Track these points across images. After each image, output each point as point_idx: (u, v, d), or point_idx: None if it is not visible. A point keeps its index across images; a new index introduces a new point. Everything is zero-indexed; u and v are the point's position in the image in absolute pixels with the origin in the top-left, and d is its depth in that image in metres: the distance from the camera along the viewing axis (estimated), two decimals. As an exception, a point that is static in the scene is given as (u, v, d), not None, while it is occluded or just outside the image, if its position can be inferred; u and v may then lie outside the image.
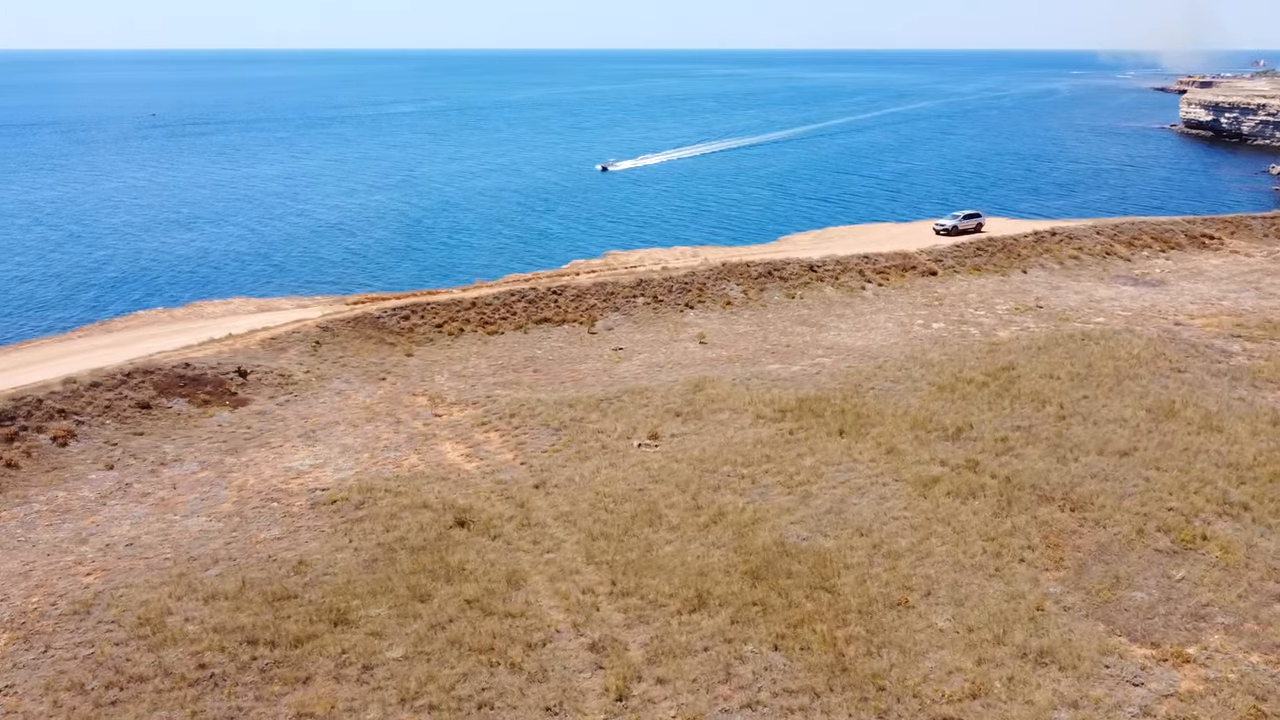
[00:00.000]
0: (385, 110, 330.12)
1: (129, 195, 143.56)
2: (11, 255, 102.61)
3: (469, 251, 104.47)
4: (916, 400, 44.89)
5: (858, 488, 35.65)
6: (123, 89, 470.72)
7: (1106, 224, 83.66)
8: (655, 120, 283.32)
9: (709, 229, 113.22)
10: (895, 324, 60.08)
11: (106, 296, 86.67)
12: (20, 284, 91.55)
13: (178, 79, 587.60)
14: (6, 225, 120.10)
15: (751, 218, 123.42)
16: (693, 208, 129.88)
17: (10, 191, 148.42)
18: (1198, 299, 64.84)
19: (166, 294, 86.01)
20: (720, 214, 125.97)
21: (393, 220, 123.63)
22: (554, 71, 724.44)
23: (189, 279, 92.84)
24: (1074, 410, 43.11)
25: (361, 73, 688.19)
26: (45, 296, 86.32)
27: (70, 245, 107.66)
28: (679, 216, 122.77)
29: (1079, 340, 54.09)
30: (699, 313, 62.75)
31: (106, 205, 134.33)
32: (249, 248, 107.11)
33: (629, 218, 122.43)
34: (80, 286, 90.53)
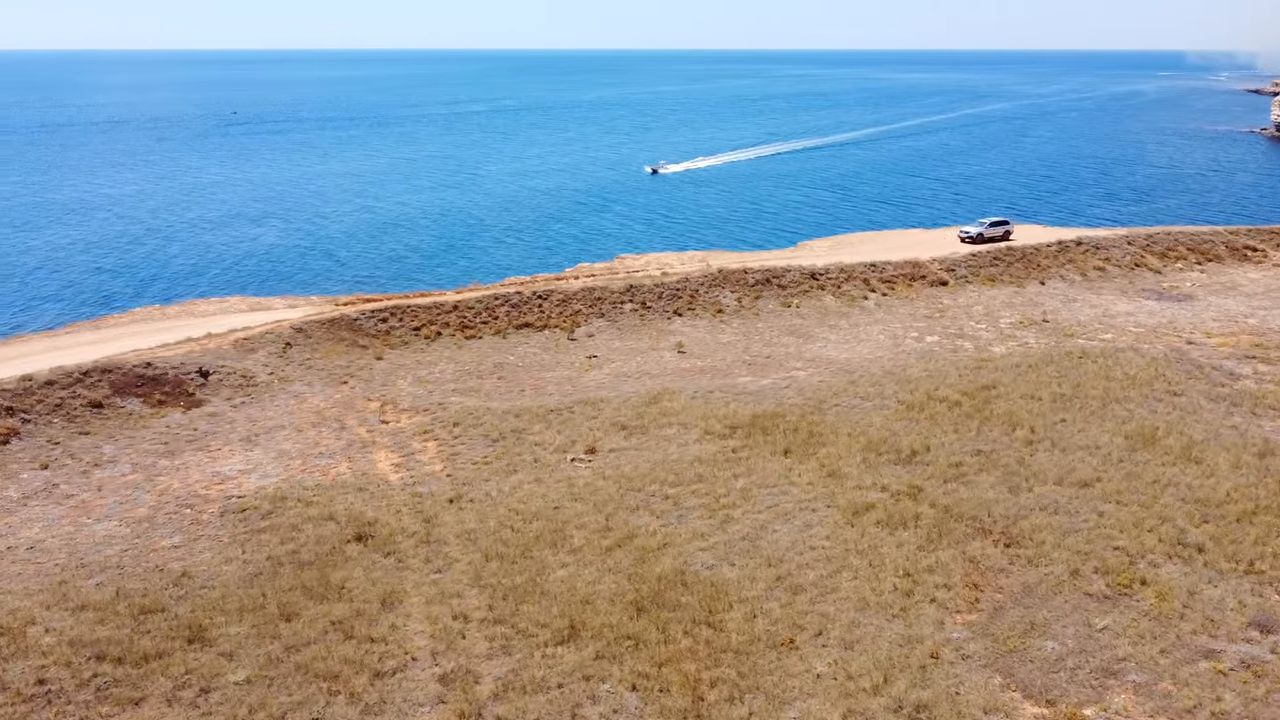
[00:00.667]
0: (457, 109, 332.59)
1: (203, 191, 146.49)
2: (90, 246, 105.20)
3: (519, 250, 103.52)
4: (879, 419, 42.63)
5: (784, 513, 33.71)
6: (205, 88, 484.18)
7: (1140, 234, 79.42)
8: (723, 120, 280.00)
9: (752, 232, 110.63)
10: (888, 336, 57.56)
11: (150, 288, 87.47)
12: (94, 274, 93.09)
13: (257, 78, 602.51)
14: (88, 217, 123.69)
15: (808, 219, 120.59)
16: (746, 210, 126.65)
17: (94, 185, 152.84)
18: (1223, 315, 60.86)
19: (214, 287, 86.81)
20: (775, 216, 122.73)
21: (451, 218, 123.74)
22: (628, 71, 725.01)
23: (237, 274, 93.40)
24: (1046, 435, 40.41)
25: (438, 73, 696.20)
26: (93, 287, 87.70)
27: (148, 238, 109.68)
28: (726, 219, 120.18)
29: (1075, 358, 51.02)
30: (686, 320, 61.03)
31: (180, 200, 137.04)
32: (309, 243, 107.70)
33: (674, 220, 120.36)
34: (142, 279, 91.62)
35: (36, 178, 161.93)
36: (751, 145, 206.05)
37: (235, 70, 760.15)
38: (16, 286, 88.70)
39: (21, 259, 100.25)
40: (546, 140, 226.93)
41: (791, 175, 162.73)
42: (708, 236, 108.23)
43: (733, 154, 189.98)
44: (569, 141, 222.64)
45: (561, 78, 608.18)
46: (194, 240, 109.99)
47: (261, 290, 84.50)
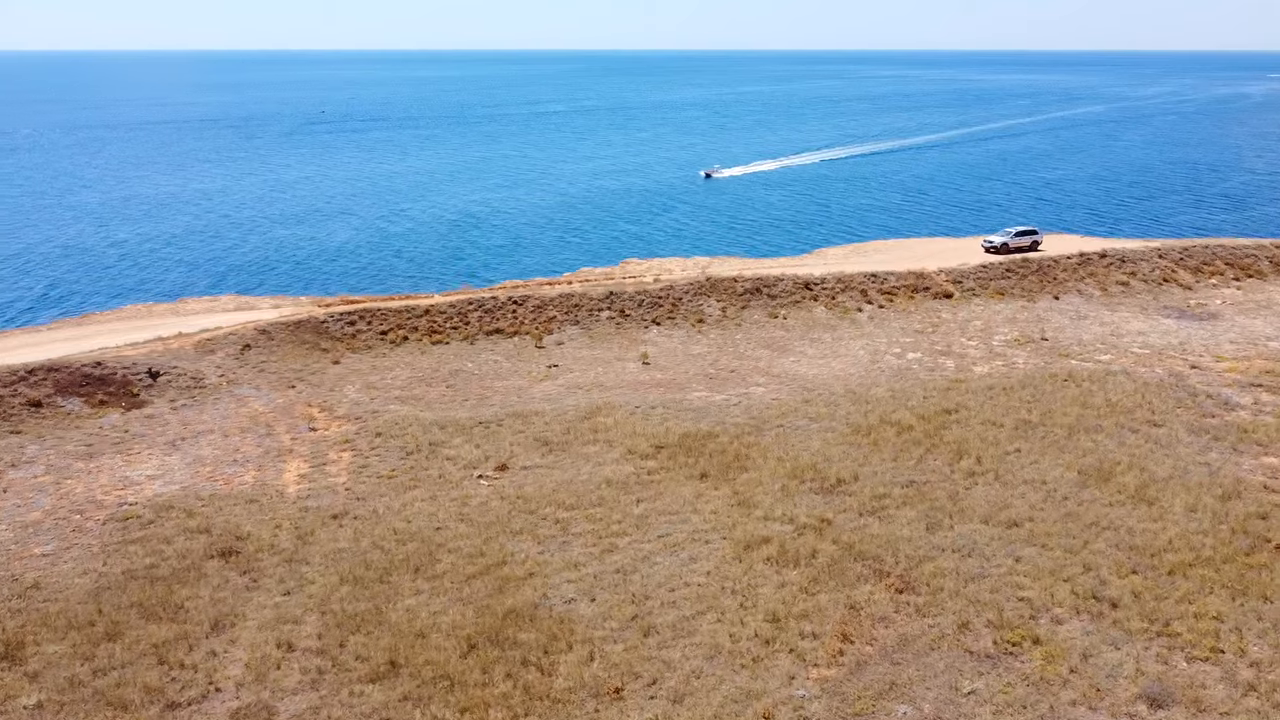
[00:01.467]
0: (538, 109, 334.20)
1: (282, 187, 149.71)
2: (168, 240, 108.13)
3: (576, 250, 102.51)
4: (819, 443, 40.06)
5: (673, 544, 31.59)
6: (295, 87, 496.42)
7: (1174, 246, 74.33)
8: (802, 122, 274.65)
9: (787, 237, 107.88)
10: (868, 352, 54.62)
11: (198, 283, 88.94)
12: (139, 268, 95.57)
13: (347, 78, 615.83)
14: (164, 211, 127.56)
15: (874, 221, 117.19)
16: (797, 214, 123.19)
17: (180, 180, 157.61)
18: (1244, 337, 56.21)
19: (264, 283, 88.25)
20: (832, 219, 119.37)
21: (516, 216, 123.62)
22: (715, 72, 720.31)
23: (291, 270, 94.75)
24: (992, 466, 37.37)
25: (526, 73, 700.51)
26: (140, 279, 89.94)
27: (224, 233, 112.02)
28: (766, 224, 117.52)
29: (1058, 381, 47.48)
30: (663, 330, 58.97)
31: (259, 197, 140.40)
32: (375, 240, 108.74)
33: (713, 224, 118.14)
34: (196, 273, 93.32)
35: (131, 171, 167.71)
36: (827, 147, 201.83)
37: (326, 70, 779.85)
38: (57, 275, 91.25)
39: (99, 251, 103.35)
40: (621, 141, 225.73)
41: (862, 178, 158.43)
42: (743, 241, 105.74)
43: (801, 157, 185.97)
44: (642, 142, 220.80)
45: (648, 78, 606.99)
46: (264, 236, 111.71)
47: (309, 288, 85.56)
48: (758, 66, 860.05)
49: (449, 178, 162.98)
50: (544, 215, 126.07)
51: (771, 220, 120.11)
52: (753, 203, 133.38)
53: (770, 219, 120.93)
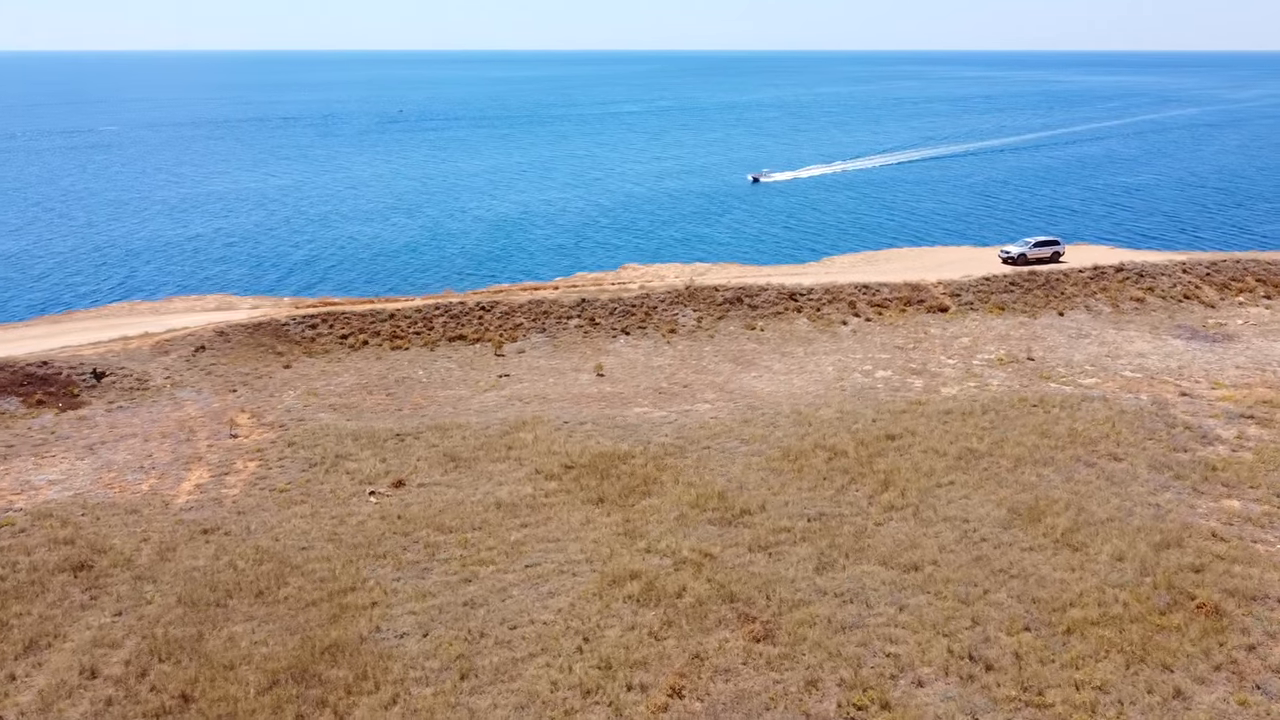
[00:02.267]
0: (612, 110, 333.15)
1: (350, 185, 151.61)
2: (232, 235, 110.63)
3: (620, 252, 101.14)
4: (739, 468, 37.70)
5: (539, 575, 29.69)
6: (375, 86, 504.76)
7: (1202, 260, 69.38)
8: (878, 123, 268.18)
9: (824, 243, 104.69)
10: (836, 368, 51.79)
11: (238, 280, 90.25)
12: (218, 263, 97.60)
13: (428, 77, 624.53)
14: (240, 207, 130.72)
15: (939, 226, 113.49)
16: (849, 218, 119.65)
17: (258, 176, 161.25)
18: (1255, 361, 51.78)
19: (312, 282, 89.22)
20: (885, 225, 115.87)
21: (570, 217, 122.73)
22: (797, 72, 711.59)
23: (347, 268, 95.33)
24: (916, 500, 34.58)
25: (607, 73, 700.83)
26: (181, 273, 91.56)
27: (284, 229, 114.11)
28: (807, 230, 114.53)
29: (1026, 407, 44.14)
30: (631, 340, 56.98)
31: (326, 193, 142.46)
32: (425, 238, 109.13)
33: (757, 230, 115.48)
34: (239, 269, 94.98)
35: (213, 168, 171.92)
36: (899, 150, 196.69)
37: (406, 70, 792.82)
38: (116, 268, 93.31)
39: (176, 244, 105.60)
40: (691, 141, 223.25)
41: (931, 181, 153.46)
42: (765, 248, 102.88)
43: (869, 160, 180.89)
44: (710, 144, 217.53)
45: (726, 79, 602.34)
46: (329, 233, 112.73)
47: (351, 288, 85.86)
48: (839, 67, 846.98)
49: (516, 176, 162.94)
50: (600, 215, 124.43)
51: (808, 226, 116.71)
52: (793, 209, 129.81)
53: (810, 224, 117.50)
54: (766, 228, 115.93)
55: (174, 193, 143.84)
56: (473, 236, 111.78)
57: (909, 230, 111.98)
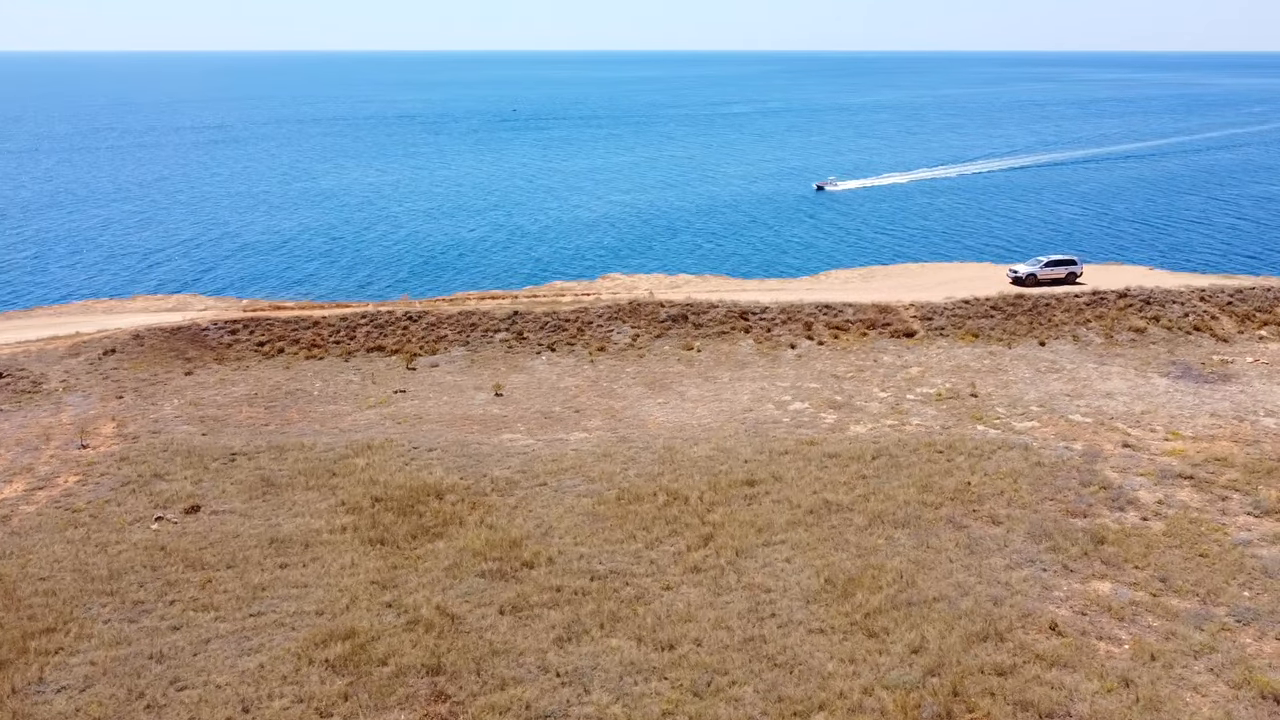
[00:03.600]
0: (722, 110, 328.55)
1: (445, 183, 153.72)
2: (314, 231, 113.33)
3: (688, 258, 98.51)
4: (559, 511, 34.25)
5: (254, 629, 27.02)
6: (495, 86, 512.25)
7: (1227, 286, 61.65)
8: (995, 126, 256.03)
9: (883, 250, 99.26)
10: (752, 398, 47.46)
11: (292, 279, 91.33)
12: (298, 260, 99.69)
13: (547, 77, 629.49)
14: (330, 202, 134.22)
15: (1037, 236, 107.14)
16: (913, 229, 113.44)
17: (359, 173, 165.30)
18: (1237, 409, 45.03)
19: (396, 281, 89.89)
20: (949, 236, 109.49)
21: (655, 218, 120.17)
22: (921, 73, 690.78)
23: (408, 266, 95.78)
24: (729, 561, 30.53)
25: (723, 74, 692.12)
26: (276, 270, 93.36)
27: (376, 225, 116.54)
28: (855, 240, 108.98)
29: (930, 452, 39.16)
30: (554, 357, 53.85)
31: (419, 191, 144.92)
32: (501, 237, 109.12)
33: (798, 240, 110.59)
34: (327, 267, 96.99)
35: (318, 164, 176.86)
36: (1011, 155, 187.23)
37: (528, 70, 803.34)
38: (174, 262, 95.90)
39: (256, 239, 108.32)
40: (796, 144, 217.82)
41: (1036, 189, 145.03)
42: (787, 260, 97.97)
43: (967, 166, 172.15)
44: (814, 146, 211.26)
45: (847, 80, 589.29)
46: (406, 230, 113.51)
47: (402, 287, 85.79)
48: (971, 68, 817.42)
49: (609, 177, 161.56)
50: (682, 218, 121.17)
51: (844, 237, 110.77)
52: (842, 219, 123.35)
53: (848, 236, 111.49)
54: (799, 238, 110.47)
55: (277, 188, 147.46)
56: (546, 237, 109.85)
57: (962, 243, 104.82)
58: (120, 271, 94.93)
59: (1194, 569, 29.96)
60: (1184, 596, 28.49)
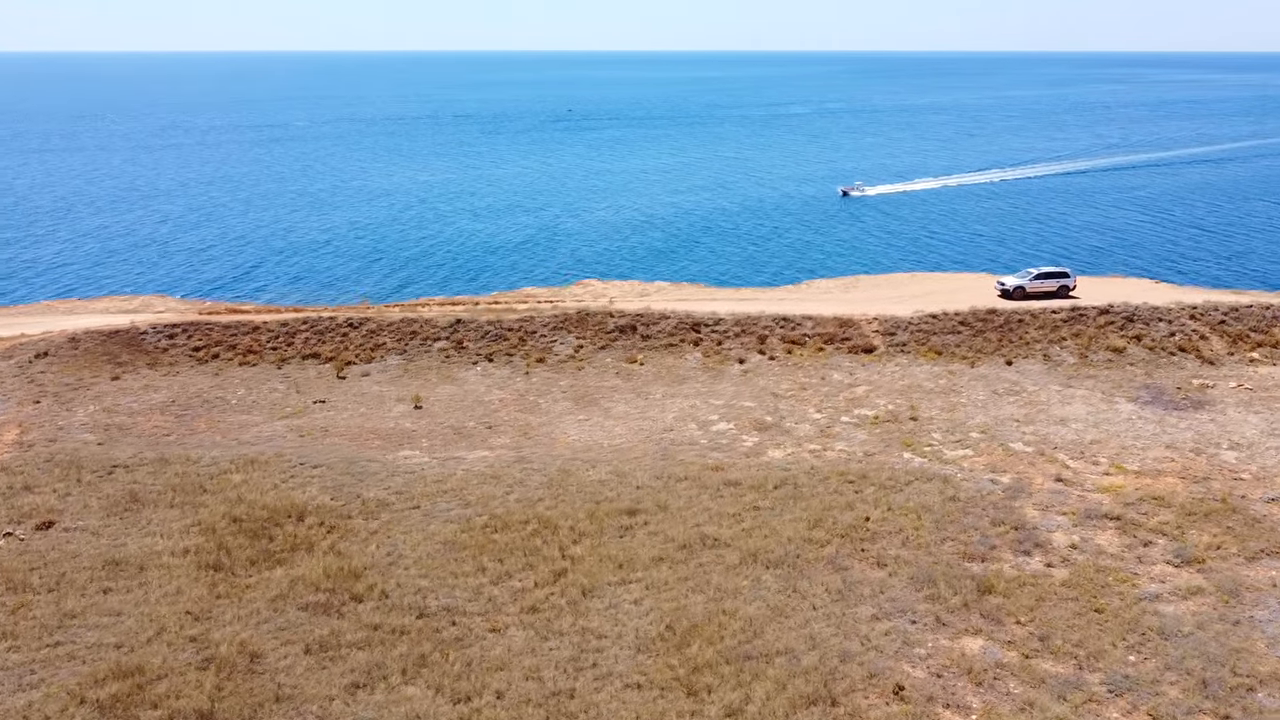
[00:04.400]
0: (779, 112, 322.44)
1: (491, 181, 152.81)
2: (354, 229, 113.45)
3: (717, 262, 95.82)
4: (419, 538, 32.39)
5: (39, 662, 25.62)
6: (555, 86, 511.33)
7: (1221, 303, 57.40)
8: (1058, 129, 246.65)
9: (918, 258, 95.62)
10: (678, 416, 45.08)
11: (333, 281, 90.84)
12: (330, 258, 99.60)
13: (608, 78, 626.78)
14: (376, 200, 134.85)
15: (1085, 244, 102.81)
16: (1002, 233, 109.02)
17: (409, 171, 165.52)
18: (1200, 441, 41.41)
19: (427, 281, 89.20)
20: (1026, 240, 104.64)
21: (690, 221, 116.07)
22: (993, 74, 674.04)
23: (438, 266, 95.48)
24: (571, 601, 28.35)
25: (785, 75, 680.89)
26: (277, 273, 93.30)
27: (417, 224, 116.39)
28: (865, 249, 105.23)
29: (840, 482, 36.49)
30: (490, 368, 52.02)
31: (465, 190, 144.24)
32: (542, 238, 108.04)
33: (801, 248, 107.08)
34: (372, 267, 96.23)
35: (368, 162, 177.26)
36: (1072, 158, 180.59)
37: (590, 70, 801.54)
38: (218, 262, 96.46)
39: (297, 238, 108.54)
40: (850, 145, 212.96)
41: (1089, 194, 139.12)
42: (776, 268, 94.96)
43: (1019, 170, 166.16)
44: (867, 148, 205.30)
45: (911, 80, 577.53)
46: (445, 229, 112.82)
47: (441, 288, 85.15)
48: (1041, 69, 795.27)
49: (654, 177, 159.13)
50: (716, 222, 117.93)
51: (848, 245, 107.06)
52: (857, 226, 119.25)
53: (855, 244, 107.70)
54: (805, 245, 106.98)
55: (332, 186, 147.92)
56: (584, 237, 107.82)
57: (985, 251, 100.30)
58: (173, 268, 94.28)
59: (1082, 626, 26.98)
60: (1060, 659, 25.56)
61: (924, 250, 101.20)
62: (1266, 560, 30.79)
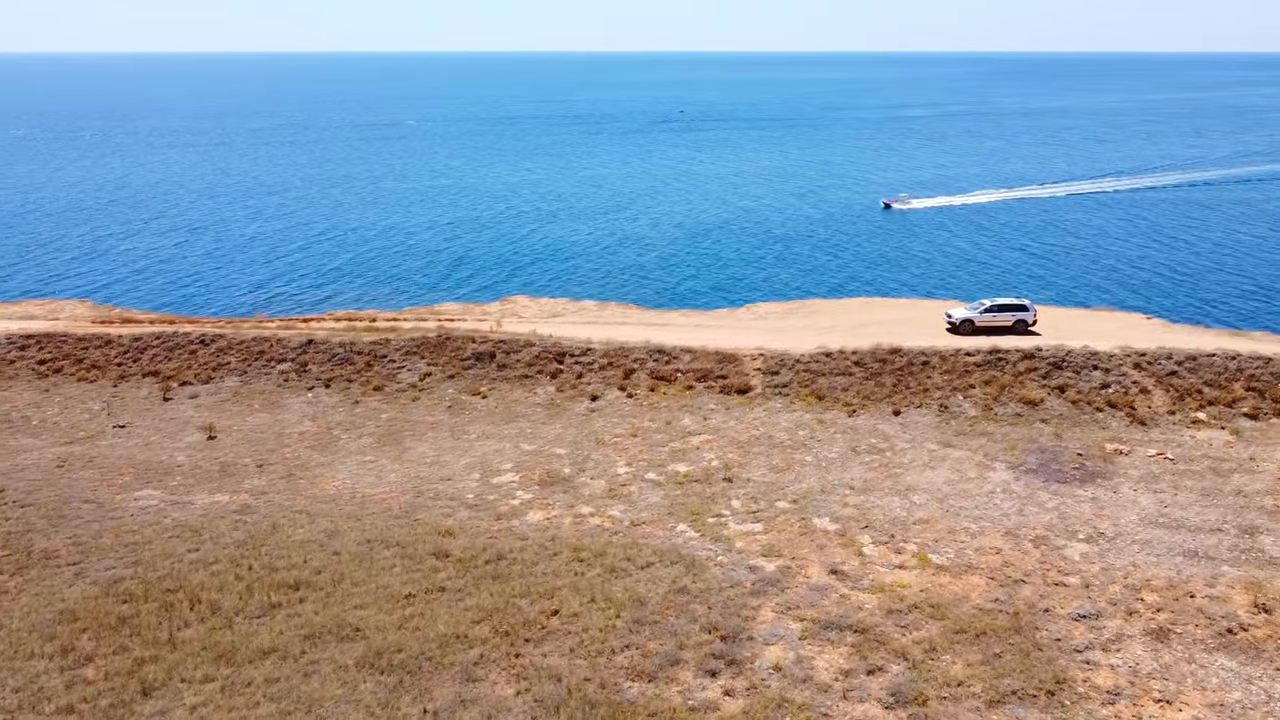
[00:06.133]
0: (895, 114, 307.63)
1: (581, 183, 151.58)
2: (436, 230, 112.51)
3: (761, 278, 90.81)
4: (39, 604, 28.73)
5: None
6: (678, 88, 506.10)
7: (1177, 351, 48.68)
8: (1200, 135, 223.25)
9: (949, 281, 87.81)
10: (470, 462, 40.32)
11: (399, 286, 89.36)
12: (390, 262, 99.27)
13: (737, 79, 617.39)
14: (464, 200, 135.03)
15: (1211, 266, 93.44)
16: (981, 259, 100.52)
17: (501, 171, 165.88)
18: (1052, 527, 34.16)
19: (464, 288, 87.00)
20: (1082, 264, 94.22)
21: (762, 230, 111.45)
22: (1142, 76, 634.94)
23: (501, 270, 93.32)
24: (94, 714, 24.11)
25: (918, 76, 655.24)
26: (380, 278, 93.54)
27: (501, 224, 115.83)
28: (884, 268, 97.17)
29: (564, 557, 31.19)
30: (322, 394, 48.35)
31: (554, 191, 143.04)
32: (604, 244, 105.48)
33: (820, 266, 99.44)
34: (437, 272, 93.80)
35: (465, 162, 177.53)
36: (1204, 167, 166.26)
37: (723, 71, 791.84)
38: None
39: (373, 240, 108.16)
40: (965, 148, 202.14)
41: (1214, 207, 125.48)
42: (754, 288, 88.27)
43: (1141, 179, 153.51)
44: (989, 153, 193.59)
45: (1052, 82, 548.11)
46: (510, 232, 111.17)
47: (500, 289, 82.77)
48: (1198, 71, 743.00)
49: (741, 182, 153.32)
50: (786, 232, 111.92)
51: (853, 265, 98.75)
52: (877, 244, 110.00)
53: (863, 263, 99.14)
54: (801, 265, 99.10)
55: (421, 185, 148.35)
56: (653, 244, 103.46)
57: (1008, 274, 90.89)
58: (243, 268, 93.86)
59: (691, 791, 21.08)
60: (625, 839, 19.81)
61: (928, 272, 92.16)
62: (1010, 707, 24.02)
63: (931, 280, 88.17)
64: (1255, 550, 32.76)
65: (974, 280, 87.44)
